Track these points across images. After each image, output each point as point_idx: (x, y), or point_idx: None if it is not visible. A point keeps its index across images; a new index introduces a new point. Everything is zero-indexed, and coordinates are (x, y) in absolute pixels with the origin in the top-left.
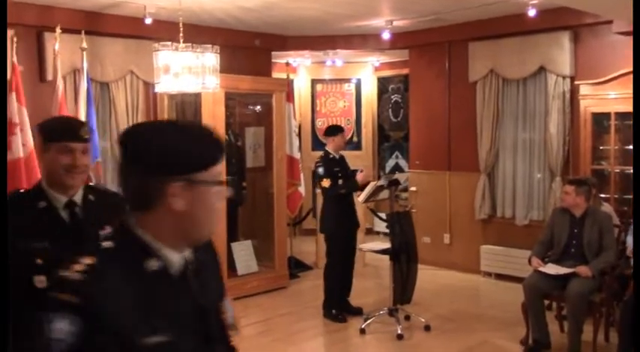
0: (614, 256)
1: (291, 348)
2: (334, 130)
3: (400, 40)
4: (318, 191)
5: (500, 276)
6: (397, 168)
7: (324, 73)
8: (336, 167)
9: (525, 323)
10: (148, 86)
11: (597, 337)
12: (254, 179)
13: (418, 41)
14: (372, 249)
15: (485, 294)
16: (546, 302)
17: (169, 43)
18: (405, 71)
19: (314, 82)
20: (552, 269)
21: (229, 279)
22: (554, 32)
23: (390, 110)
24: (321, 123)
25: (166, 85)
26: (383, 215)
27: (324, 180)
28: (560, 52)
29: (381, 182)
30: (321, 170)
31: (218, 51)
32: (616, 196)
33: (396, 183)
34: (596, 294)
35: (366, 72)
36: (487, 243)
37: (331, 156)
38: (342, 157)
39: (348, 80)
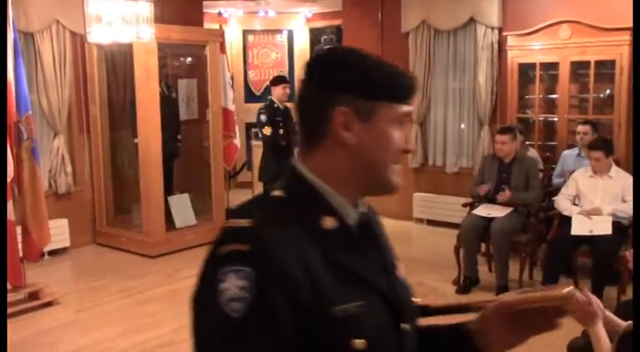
0: (537, 196)
1: None
2: (274, 80)
3: None
4: (254, 143)
5: (431, 222)
6: None
7: (256, 24)
8: (278, 116)
9: (457, 265)
10: (76, 37)
11: (523, 275)
12: (187, 132)
13: None
14: None
15: (417, 239)
16: None
17: None
18: (337, 22)
19: (245, 32)
20: (485, 210)
21: (167, 233)
22: None
23: None
24: (254, 75)
25: (99, 35)
26: None
27: (266, 127)
28: (489, 4)
29: None
30: (263, 117)
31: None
32: (540, 143)
33: None
34: (522, 235)
35: (298, 23)
36: (419, 191)
37: (275, 105)
38: (287, 108)
39: (280, 31)
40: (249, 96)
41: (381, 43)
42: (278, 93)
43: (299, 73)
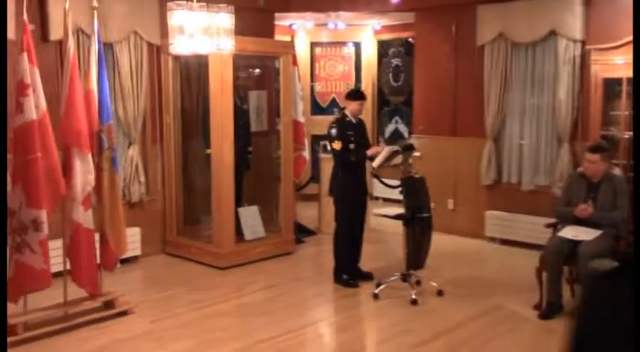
0: (623, 217)
1: (306, 314)
2: (350, 94)
3: (406, 2)
4: (322, 156)
5: (504, 241)
6: (397, 133)
7: (322, 36)
8: (349, 130)
9: (539, 289)
10: (152, 47)
11: None
12: (257, 143)
13: (425, 4)
14: (387, 214)
15: (491, 259)
16: None
17: (184, 2)
18: (405, 34)
19: (313, 45)
20: (571, 232)
21: (236, 245)
22: None
23: (390, 74)
24: (320, 87)
25: (181, 46)
26: (387, 181)
27: (336, 141)
28: (572, 16)
29: (396, 147)
30: (333, 131)
31: (232, 11)
32: (625, 162)
33: (411, 147)
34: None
35: (365, 35)
36: (492, 209)
37: (347, 119)
38: (360, 122)
39: (347, 43)
40: (316, 109)
41: (455, 56)
42: (354, 108)
43: (366, 85)
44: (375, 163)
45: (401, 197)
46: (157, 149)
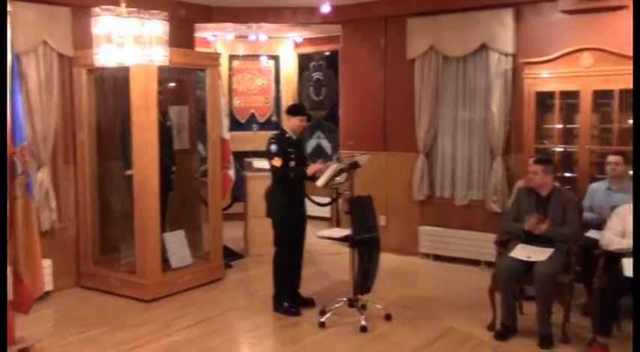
0: (575, 232)
1: (248, 349)
2: (291, 110)
3: (334, 14)
4: (248, 174)
5: (438, 257)
6: (319, 148)
7: (239, 49)
8: (290, 147)
9: (492, 309)
10: (64, 59)
11: (566, 319)
12: (179, 162)
13: (352, 16)
14: (332, 236)
15: (428, 276)
16: None
17: (112, 7)
18: (326, 48)
19: (231, 58)
20: (524, 253)
21: (162, 274)
22: (497, 9)
23: (311, 88)
24: (238, 102)
25: (108, 57)
26: (316, 199)
27: (276, 158)
28: (503, 30)
29: (342, 165)
30: (273, 147)
31: (166, 18)
32: (558, 174)
33: (356, 165)
34: (565, 276)
35: (285, 48)
36: (425, 224)
37: (287, 135)
38: (299, 140)
39: (262, 56)
40: (234, 125)
41: (384, 70)
42: (294, 124)
43: (286, 99)
44: (320, 182)
45: (327, 215)
46: (70, 171)
